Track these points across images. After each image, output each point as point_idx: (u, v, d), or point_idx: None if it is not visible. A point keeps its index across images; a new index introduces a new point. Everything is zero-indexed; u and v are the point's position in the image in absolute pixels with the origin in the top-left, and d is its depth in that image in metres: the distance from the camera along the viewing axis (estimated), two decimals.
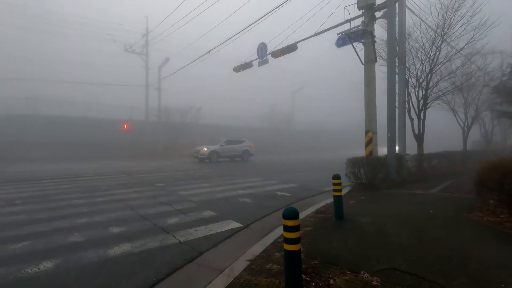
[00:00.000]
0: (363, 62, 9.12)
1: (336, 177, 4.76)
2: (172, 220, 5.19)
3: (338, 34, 9.40)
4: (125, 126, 24.75)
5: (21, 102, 23.05)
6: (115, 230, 4.64)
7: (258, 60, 13.36)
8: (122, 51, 26.50)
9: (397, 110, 9.26)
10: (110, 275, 3.12)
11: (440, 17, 9.67)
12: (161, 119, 27.71)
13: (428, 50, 9.85)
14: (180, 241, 4.14)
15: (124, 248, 3.86)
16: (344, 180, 5.94)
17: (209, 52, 16.79)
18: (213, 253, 3.76)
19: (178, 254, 3.67)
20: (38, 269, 3.23)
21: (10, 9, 33.84)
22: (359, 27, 8.96)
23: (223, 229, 4.69)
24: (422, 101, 10.58)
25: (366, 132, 8.97)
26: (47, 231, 4.55)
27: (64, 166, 16.79)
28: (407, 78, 10.36)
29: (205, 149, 19.62)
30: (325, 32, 10.54)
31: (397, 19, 9.27)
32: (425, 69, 10.16)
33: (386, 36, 9.24)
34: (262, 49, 13.07)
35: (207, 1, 15.75)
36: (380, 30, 10.45)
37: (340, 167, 8.15)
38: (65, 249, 3.83)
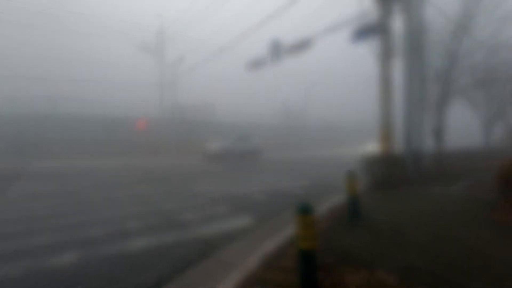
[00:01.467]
0: (379, 57, 8.90)
1: (351, 174, 4.70)
2: (188, 216, 5.29)
3: (353, 29, 9.21)
4: (140, 123, 25.30)
5: (44, 101, 23.95)
6: (133, 224, 4.77)
7: (271, 57, 13.29)
8: (138, 49, 27.02)
9: (414, 106, 9.01)
10: (128, 268, 3.22)
11: (461, 8, 9.28)
12: (175, 116, 28.12)
13: (448, 43, 9.49)
14: (195, 236, 4.21)
15: (141, 242, 3.97)
16: (358, 177, 5.85)
17: (222, 49, 16.87)
18: (228, 249, 3.81)
19: (193, 249, 3.74)
20: (60, 261, 3.38)
21: (31, 11, 35.07)
22: (376, 21, 8.73)
23: (238, 225, 4.74)
24: (441, 96, 10.23)
25: (382, 128, 8.77)
26: (69, 225, 4.75)
27: (84, 162, 17.38)
28: (425, 73, 10.04)
29: (215, 147, 19.11)
30: (340, 27, 10.34)
31: (415, 11, 8.97)
32: (445, 63, 9.80)
33: (403, 30, 8.98)
34: (275, 46, 12.98)
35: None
36: (397, 24, 10.15)
37: (354, 164, 8.04)
38: (86, 242, 3.98)
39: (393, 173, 7.86)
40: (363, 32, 8.68)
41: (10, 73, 31.60)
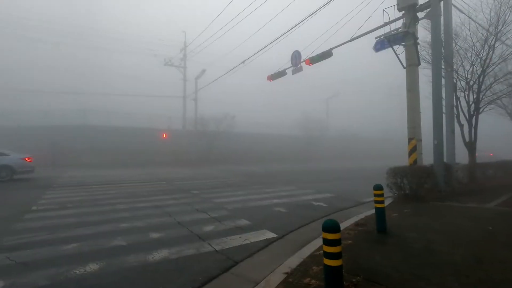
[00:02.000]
0: (405, 66, 8.63)
1: (378, 187, 4.48)
2: (208, 228, 5.24)
3: (376, 38, 9.02)
4: (164, 135, 26.05)
5: (74, 113, 25.40)
6: (154, 235, 4.79)
7: (292, 68, 13.30)
8: (162, 64, 28.14)
9: (444, 116, 8.58)
10: (149, 280, 3.20)
11: (492, 13, 8.84)
12: (197, 128, 28.69)
13: (480, 50, 9.02)
14: (215, 249, 4.14)
15: (162, 254, 3.95)
16: (385, 191, 5.57)
17: (243, 62, 17.13)
18: (248, 263, 3.70)
19: (213, 263, 3.66)
20: (85, 270, 3.42)
21: (65, 30, 37.88)
22: (400, 29, 8.51)
23: (258, 239, 4.61)
24: (473, 105, 9.67)
25: (410, 140, 8.39)
26: (93, 234, 4.85)
27: (110, 172, 18.02)
28: (455, 81, 9.58)
29: None
30: (362, 37, 10.18)
31: (442, 18, 8.67)
32: (476, 70, 9.30)
33: (430, 38, 8.67)
34: (296, 57, 12.99)
35: (241, 13, 16.19)
36: (422, 32, 9.86)
37: (379, 177, 7.70)
38: (109, 252, 4.03)
39: (422, 187, 7.44)
40: (387, 41, 8.47)
41: (45, 88, 33.93)
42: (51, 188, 10.65)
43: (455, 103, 9.67)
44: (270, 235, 4.83)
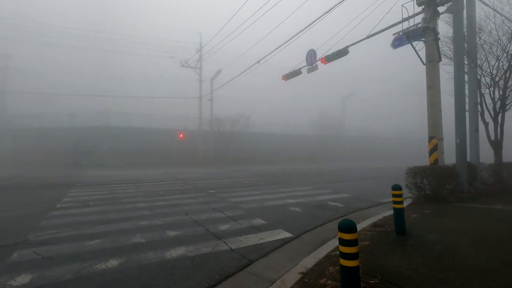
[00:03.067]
0: (425, 62, 8.34)
1: (396, 187, 4.36)
2: (224, 227, 5.29)
3: (394, 34, 8.77)
4: (180, 135, 26.54)
5: (96, 115, 26.37)
6: (172, 233, 4.89)
7: (307, 67, 13.17)
8: (179, 66, 28.61)
9: (467, 114, 8.23)
10: (167, 277, 3.27)
11: None
12: (212, 128, 29.02)
13: (506, 44, 8.59)
14: (231, 248, 4.18)
15: (179, 251, 4.03)
16: (404, 192, 5.42)
17: (258, 62, 17.15)
18: (264, 263, 3.70)
19: (229, 261, 3.70)
20: (106, 266, 3.55)
21: (89, 36, 39.32)
22: (419, 25, 8.23)
23: (274, 238, 4.61)
24: (499, 102, 9.22)
25: (430, 139, 8.10)
26: (114, 231, 5.02)
27: (129, 171, 18.56)
28: (479, 77, 9.18)
29: None
30: (379, 34, 9.93)
31: (464, 12, 8.32)
32: (502, 65, 8.87)
33: (452, 33, 8.34)
34: (311, 56, 12.85)
35: (256, 13, 16.22)
36: (443, 26, 9.50)
37: (397, 177, 7.51)
38: (129, 249, 4.15)
39: (444, 187, 7.17)
40: (406, 37, 8.22)
41: (70, 91, 35.41)
42: (74, 186, 11.10)
43: (479, 100, 9.26)
44: (286, 234, 4.81)
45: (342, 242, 2.32)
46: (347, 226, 2.30)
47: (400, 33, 8.54)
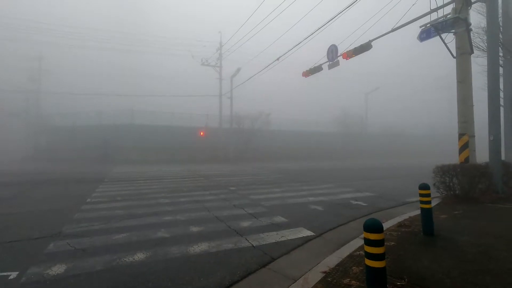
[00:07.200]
0: (455, 55, 7.91)
1: (424, 186, 4.19)
2: (245, 224, 5.34)
3: (421, 26, 8.38)
4: (201, 133, 26.99)
5: (122, 113, 27.44)
6: (195, 229, 5.01)
7: (328, 62, 12.92)
8: (199, 65, 29.06)
9: (502, 109, 7.73)
10: (191, 271, 3.36)
11: None
12: (233, 126, 29.26)
13: None
14: (252, 245, 4.21)
15: (202, 247, 4.12)
16: (431, 191, 5.20)
17: (278, 59, 17.03)
18: (286, 260, 3.70)
19: (251, 258, 3.73)
20: (133, 259, 3.70)
21: (116, 37, 40.95)
22: (449, 16, 7.81)
23: (295, 236, 4.60)
24: None
25: (460, 136, 7.69)
26: (140, 226, 5.21)
27: (154, 168, 19.16)
28: None
29: None
30: (405, 26, 9.52)
31: (500, 0, 7.78)
32: None
33: (485, 23, 7.84)
34: (332, 51, 12.58)
35: (275, 10, 16.10)
36: (475, 16, 8.94)
37: (423, 175, 7.20)
38: (154, 243, 4.30)
39: (476, 187, 6.79)
40: (434, 29, 7.82)
41: (98, 91, 37.06)
42: (103, 182, 11.63)
43: None
44: (307, 233, 4.78)
45: (368, 242, 2.27)
46: (373, 226, 2.24)
47: (428, 25, 8.14)
